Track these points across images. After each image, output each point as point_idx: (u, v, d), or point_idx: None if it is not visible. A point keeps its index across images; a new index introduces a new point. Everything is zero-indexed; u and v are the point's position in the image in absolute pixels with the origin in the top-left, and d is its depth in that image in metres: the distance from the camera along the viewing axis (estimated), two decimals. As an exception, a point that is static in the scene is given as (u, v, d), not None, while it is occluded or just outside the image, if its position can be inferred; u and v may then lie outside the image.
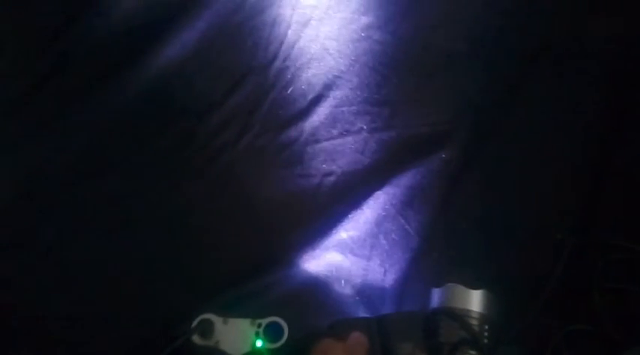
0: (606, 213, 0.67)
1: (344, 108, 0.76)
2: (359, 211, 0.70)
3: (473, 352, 0.48)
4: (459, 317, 0.46)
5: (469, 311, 0.53)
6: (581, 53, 0.76)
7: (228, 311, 0.59)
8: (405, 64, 0.77)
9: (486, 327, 0.52)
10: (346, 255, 0.68)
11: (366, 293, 0.67)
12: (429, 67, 0.77)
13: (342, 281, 0.67)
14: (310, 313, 0.64)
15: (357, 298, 0.66)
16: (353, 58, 0.78)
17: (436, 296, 0.56)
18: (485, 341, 0.51)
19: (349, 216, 0.70)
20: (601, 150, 0.70)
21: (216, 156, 0.73)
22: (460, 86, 0.76)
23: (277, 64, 0.77)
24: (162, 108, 0.75)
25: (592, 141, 0.71)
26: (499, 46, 0.77)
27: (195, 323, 0.55)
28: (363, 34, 0.78)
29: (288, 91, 0.76)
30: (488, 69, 0.77)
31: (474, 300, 0.53)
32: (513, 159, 0.72)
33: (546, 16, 0.77)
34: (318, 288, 0.66)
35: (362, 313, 0.64)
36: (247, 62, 0.77)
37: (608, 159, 0.69)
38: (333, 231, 0.69)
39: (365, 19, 0.78)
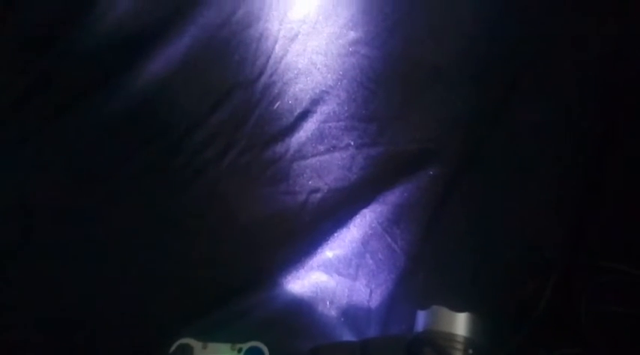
0: (595, 234, 0.66)
1: (331, 124, 0.75)
2: (345, 229, 0.69)
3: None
4: (441, 346, 0.45)
5: (454, 335, 0.51)
6: (570, 68, 0.75)
7: (210, 333, 0.58)
8: (392, 79, 0.77)
9: (471, 352, 0.51)
10: (331, 274, 0.67)
11: (351, 314, 0.65)
12: (417, 82, 0.77)
13: (327, 303, 0.65)
14: (294, 336, 0.62)
15: (342, 320, 0.65)
16: (340, 73, 0.77)
17: (421, 319, 0.55)
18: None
19: (335, 234, 0.69)
20: (591, 171, 0.69)
21: (200, 173, 0.72)
22: (448, 101, 0.76)
23: (264, 79, 0.76)
24: (147, 123, 0.74)
25: (582, 160, 0.70)
26: (487, 60, 0.77)
27: (173, 347, 0.54)
28: (350, 49, 0.78)
29: (275, 107, 0.76)
30: (477, 84, 0.76)
31: (459, 324, 0.52)
32: (502, 176, 0.71)
33: (535, 31, 0.77)
34: (302, 310, 0.65)
35: (347, 335, 0.62)
36: (234, 77, 0.76)
37: (598, 181, 0.68)
38: (319, 250, 0.68)
39: (353, 34, 0.78)
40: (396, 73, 0.77)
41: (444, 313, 0.52)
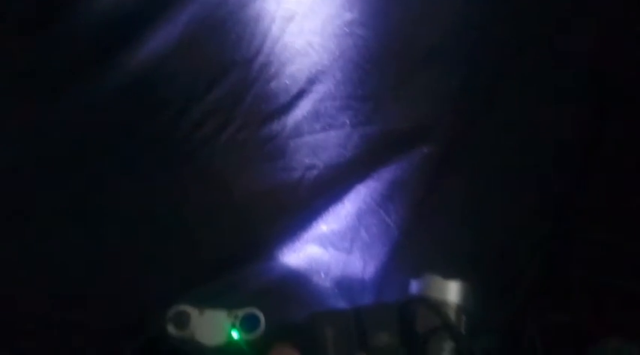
0: (583, 209, 0.67)
1: (327, 103, 0.76)
2: (340, 205, 0.70)
3: (447, 338, 0.48)
4: (434, 305, 0.46)
5: (446, 301, 0.52)
6: (563, 49, 0.77)
7: (206, 302, 0.59)
8: (387, 59, 0.77)
9: (463, 318, 0.52)
10: (326, 248, 0.68)
11: (345, 285, 0.66)
12: (412, 62, 0.78)
13: (322, 274, 0.66)
14: (289, 305, 0.63)
15: (337, 290, 0.66)
16: (337, 53, 0.78)
17: (414, 287, 0.56)
18: (463, 331, 0.50)
19: (330, 209, 0.70)
20: (582, 146, 0.70)
21: (197, 149, 0.73)
22: (442, 81, 0.77)
23: (261, 58, 0.77)
24: (144, 101, 0.74)
25: (573, 137, 0.72)
26: (481, 42, 0.78)
27: (170, 314, 0.55)
28: (347, 30, 0.78)
29: (271, 85, 0.76)
30: (470, 64, 0.77)
31: (451, 291, 0.53)
32: (494, 154, 0.72)
33: (528, 13, 0.78)
34: (297, 281, 0.66)
35: (341, 305, 0.63)
36: (230, 56, 0.76)
37: (589, 155, 0.70)
38: (314, 225, 0.69)
39: (349, 15, 0.79)
40: (391, 54, 0.78)
41: (436, 280, 0.53)
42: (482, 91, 0.76)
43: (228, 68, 0.76)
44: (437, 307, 0.44)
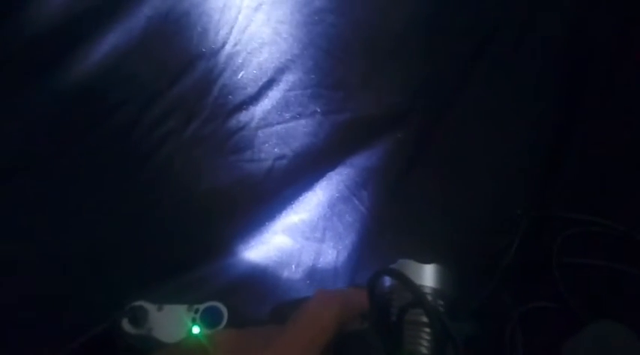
0: (564, 188, 0.65)
1: (297, 92, 0.73)
2: (311, 193, 0.67)
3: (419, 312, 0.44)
4: (406, 279, 0.42)
5: (422, 286, 0.49)
6: (536, 34, 0.75)
7: (169, 299, 0.55)
8: (358, 47, 0.75)
9: (440, 302, 0.49)
10: (296, 238, 0.65)
11: (317, 276, 0.63)
12: (383, 50, 0.76)
13: (293, 267, 0.63)
14: (257, 301, 0.60)
15: (308, 282, 0.62)
16: (306, 42, 0.75)
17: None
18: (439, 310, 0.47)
19: (300, 198, 0.67)
20: (558, 127, 0.69)
21: (160, 144, 0.70)
22: (414, 68, 0.75)
23: (227, 49, 0.74)
24: (105, 98, 0.71)
25: (549, 118, 0.70)
26: (453, 28, 0.76)
27: (126, 309, 0.51)
28: (316, 18, 0.76)
29: (239, 76, 0.74)
30: (443, 51, 0.75)
31: (427, 275, 0.50)
32: (470, 137, 0.70)
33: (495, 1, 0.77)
34: (266, 275, 0.62)
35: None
36: (196, 48, 0.74)
37: (566, 136, 0.68)
38: (283, 214, 0.66)
39: (318, 3, 0.77)
40: (362, 41, 0.76)
41: (411, 265, 0.50)
42: (454, 78, 0.74)
43: (193, 61, 0.73)
44: (409, 281, 0.41)
